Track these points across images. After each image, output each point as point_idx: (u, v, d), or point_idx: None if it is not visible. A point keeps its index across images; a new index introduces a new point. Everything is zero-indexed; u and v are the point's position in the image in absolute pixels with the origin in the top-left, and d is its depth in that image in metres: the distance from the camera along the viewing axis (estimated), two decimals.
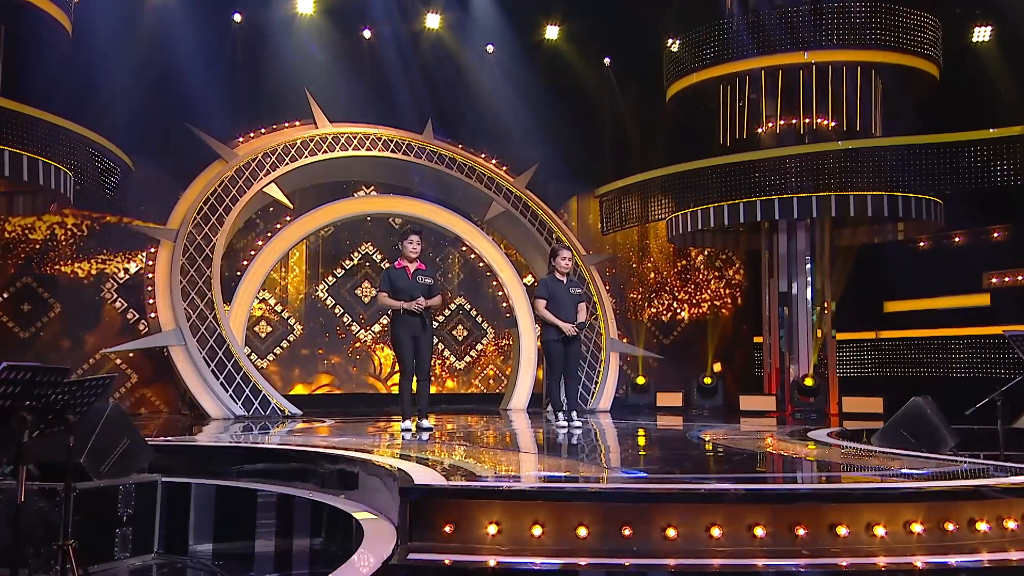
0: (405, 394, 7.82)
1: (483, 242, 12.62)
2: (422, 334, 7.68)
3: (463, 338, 13.69)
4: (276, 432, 8.40)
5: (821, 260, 12.34)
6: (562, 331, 7.91)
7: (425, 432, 7.69)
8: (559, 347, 7.99)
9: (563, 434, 7.78)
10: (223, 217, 11.19)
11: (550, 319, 7.95)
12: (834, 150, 11.71)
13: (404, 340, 7.66)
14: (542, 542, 3.83)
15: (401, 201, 12.57)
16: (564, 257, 8.15)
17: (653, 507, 3.87)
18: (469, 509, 3.91)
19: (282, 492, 5.63)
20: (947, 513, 4.01)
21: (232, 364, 10.48)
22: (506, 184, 13.07)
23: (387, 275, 7.77)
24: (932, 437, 6.80)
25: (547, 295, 8.03)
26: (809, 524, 3.82)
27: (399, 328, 7.66)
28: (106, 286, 11.37)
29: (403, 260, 7.81)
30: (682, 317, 14.46)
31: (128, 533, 5.64)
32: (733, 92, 12.46)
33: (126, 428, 5.77)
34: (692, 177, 12.52)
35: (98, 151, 10.55)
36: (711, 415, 11.61)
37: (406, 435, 7.53)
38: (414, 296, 7.57)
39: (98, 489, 5.44)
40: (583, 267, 12.97)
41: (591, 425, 9.40)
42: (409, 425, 7.80)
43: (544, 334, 8.15)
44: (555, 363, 8.03)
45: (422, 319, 7.63)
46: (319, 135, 12.20)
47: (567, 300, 8.04)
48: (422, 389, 7.86)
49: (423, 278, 7.73)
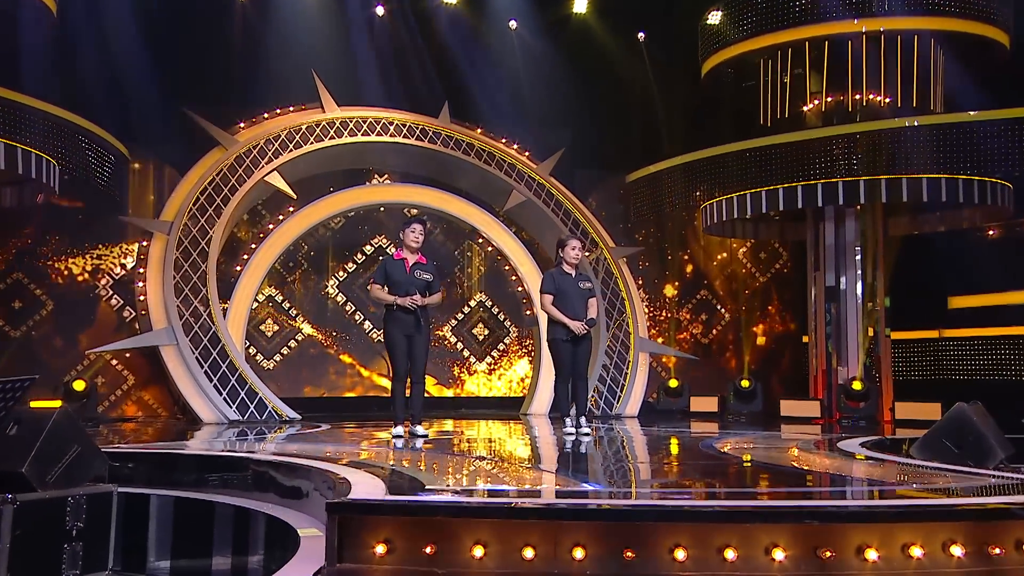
0: (397, 397, 7.67)
1: (502, 234, 12.42)
2: (416, 333, 7.55)
3: (484, 338, 13.51)
4: (259, 439, 8.26)
5: (873, 251, 11.83)
6: (570, 329, 7.65)
7: (419, 439, 7.53)
8: (567, 347, 7.74)
9: (570, 442, 7.53)
10: (221, 208, 11.12)
11: (557, 316, 7.72)
12: (888, 128, 11.22)
13: (397, 339, 7.53)
14: (484, 565, 3.58)
15: (414, 190, 12.42)
16: (572, 247, 7.90)
17: (603, 527, 3.59)
18: (407, 527, 3.67)
19: (238, 504, 5.45)
20: (991, 535, 3.66)
21: (227, 365, 10.39)
22: (528, 171, 12.83)
23: (383, 266, 7.66)
24: (979, 448, 6.34)
25: (553, 290, 7.79)
26: (833, 546, 3.51)
27: (392, 325, 7.54)
28: (101, 282, 11.38)
29: (403, 251, 7.67)
30: (722, 314, 14.04)
31: (78, 549, 5.48)
32: (775, 66, 12.07)
33: (76, 434, 5.62)
34: (730, 161, 12.15)
35: (88, 138, 10.55)
36: (748, 421, 11.19)
37: (397, 443, 7.35)
38: (410, 292, 7.41)
39: (43, 501, 5.30)
40: (611, 260, 12.67)
41: (615, 432, 9.15)
42: (401, 431, 7.62)
43: (550, 332, 7.90)
44: (562, 364, 7.79)
45: (417, 317, 7.48)
46: (326, 120, 12.08)
47: (576, 295, 7.79)
48: (416, 393, 7.72)
49: (422, 273, 7.59)
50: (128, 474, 6.21)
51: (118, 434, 8.52)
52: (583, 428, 7.81)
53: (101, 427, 9.64)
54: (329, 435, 8.40)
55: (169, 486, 6.07)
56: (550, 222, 12.60)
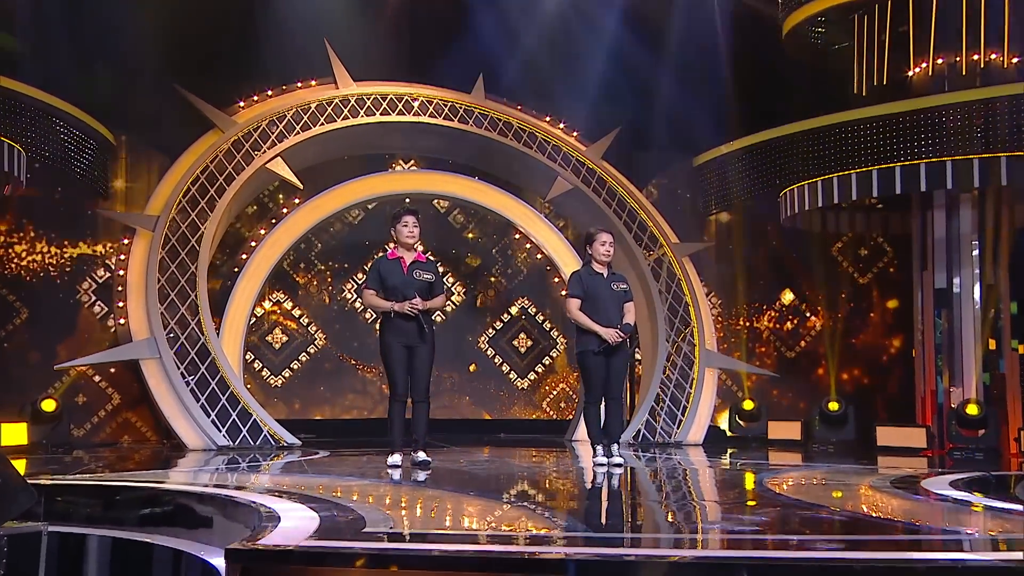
0: (395, 420, 7.63)
1: (543, 229, 12.20)
2: (419, 344, 7.47)
3: (527, 350, 13.39)
4: (233, 469, 8.18)
5: (994, 246, 11.22)
6: (602, 339, 7.43)
7: (421, 469, 7.41)
8: (599, 361, 7.57)
9: (600, 475, 7.30)
10: (215, 200, 11.07)
11: (585, 323, 7.55)
12: (1011, 95, 10.61)
13: (396, 351, 7.47)
14: None
15: (442, 178, 12.30)
16: (603, 242, 7.74)
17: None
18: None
19: (176, 548, 5.30)
20: None
21: (217, 382, 10.32)
22: (576, 154, 12.57)
23: (376, 268, 7.60)
24: None
25: (581, 293, 7.64)
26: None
27: (390, 336, 7.48)
28: (83, 286, 11.44)
29: (397, 249, 7.58)
30: (812, 323, 13.51)
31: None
32: (872, 23, 11.60)
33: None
34: (817, 138, 11.65)
35: (64, 121, 10.60)
36: (837, 452, 10.71)
37: (394, 474, 7.25)
38: (408, 296, 7.31)
39: None
40: (672, 259, 12.30)
41: (666, 462, 8.88)
42: (398, 460, 7.54)
43: (579, 343, 7.72)
44: (593, 380, 7.64)
45: (419, 325, 7.40)
46: (340, 97, 11.96)
47: (608, 299, 7.61)
48: (418, 414, 7.64)
49: (422, 273, 7.51)
50: (63, 511, 6.14)
51: (78, 463, 8.47)
52: (615, 458, 7.62)
53: (77, 453, 9.67)
54: (317, 464, 8.30)
55: (110, 524, 6.00)
56: (600, 214, 12.28)
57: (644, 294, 12.05)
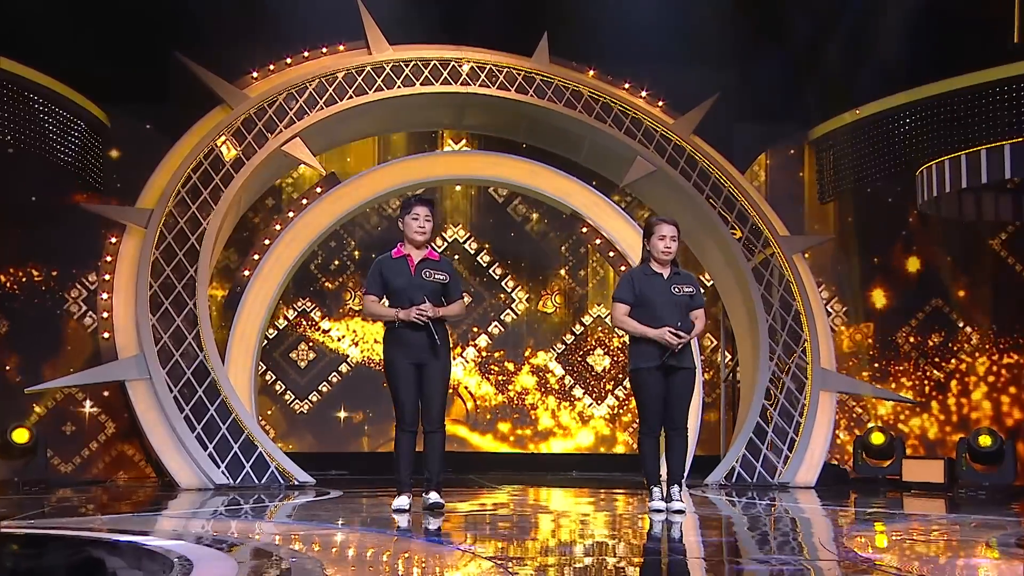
0: (403, 454, 7.52)
1: (616, 220, 12.04)
2: (430, 360, 7.39)
3: (604, 370, 13.32)
4: (215, 516, 8.08)
5: None
6: (660, 349, 7.24)
7: (433, 515, 7.28)
8: (655, 379, 7.38)
9: (658, 524, 7.06)
10: (220, 190, 11.08)
11: (633, 328, 7.41)
12: None
13: (401, 370, 7.43)
14: None
15: (496, 160, 12.27)
16: (662, 236, 7.55)
17: None
18: None
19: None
20: None
21: (217, 407, 10.29)
22: (661, 129, 12.32)
23: (377, 268, 7.59)
24: None
25: (631, 298, 7.48)
26: None
27: (394, 351, 7.47)
28: (71, 295, 11.54)
29: (404, 245, 7.52)
30: (966, 335, 12.87)
31: None
32: None
33: None
34: (961, 102, 11.33)
35: (45, 98, 10.72)
36: (989, 499, 10.14)
37: (400, 520, 7.09)
38: (416, 301, 7.21)
39: None
40: (780, 256, 11.88)
41: (768, 510, 8.55)
42: (405, 503, 7.41)
43: (632, 358, 7.54)
44: (649, 405, 7.48)
45: (430, 335, 7.29)
46: (373, 64, 11.91)
47: (668, 304, 7.42)
48: (432, 446, 7.55)
49: (434, 273, 7.47)
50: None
51: (37, 507, 8.44)
52: (675, 503, 7.41)
53: (57, 495, 9.68)
54: (310, 509, 8.17)
55: None
56: (691, 202, 12.03)
57: (743, 300, 11.89)
